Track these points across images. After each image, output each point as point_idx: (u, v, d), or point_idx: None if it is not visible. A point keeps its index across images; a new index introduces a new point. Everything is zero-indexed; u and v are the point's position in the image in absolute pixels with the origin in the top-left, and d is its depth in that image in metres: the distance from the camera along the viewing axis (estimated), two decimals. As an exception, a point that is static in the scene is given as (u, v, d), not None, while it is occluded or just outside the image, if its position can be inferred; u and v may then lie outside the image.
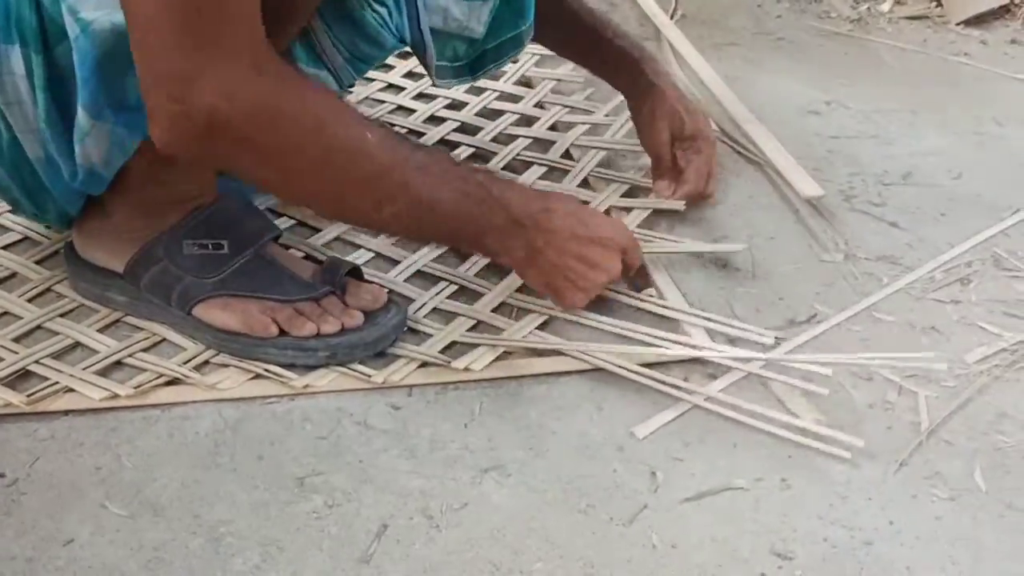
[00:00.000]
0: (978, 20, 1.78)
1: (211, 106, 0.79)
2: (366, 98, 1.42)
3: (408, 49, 1.02)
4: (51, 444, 0.87)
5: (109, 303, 1.00)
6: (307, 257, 1.04)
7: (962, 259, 1.15)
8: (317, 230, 1.15)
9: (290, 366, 0.94)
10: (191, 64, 0.78)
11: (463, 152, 1.31)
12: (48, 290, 1.04)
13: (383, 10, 0.95)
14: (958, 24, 1.77)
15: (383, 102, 1.42)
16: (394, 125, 1.34)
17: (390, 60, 1.37)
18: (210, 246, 0.96)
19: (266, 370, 0.94)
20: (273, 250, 0.98)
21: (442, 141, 1.33)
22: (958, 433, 0.92)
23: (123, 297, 0.99)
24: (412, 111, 1.40)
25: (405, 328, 0.99)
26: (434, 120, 1.38)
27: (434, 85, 1.09)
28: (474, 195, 0.92)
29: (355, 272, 1.00)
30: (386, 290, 1.00)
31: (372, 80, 1.45)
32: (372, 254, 1.11)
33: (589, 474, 0.86)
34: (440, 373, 0.95)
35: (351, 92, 1.38)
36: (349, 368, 0.94)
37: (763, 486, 0.86)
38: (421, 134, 1.34)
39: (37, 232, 1.12)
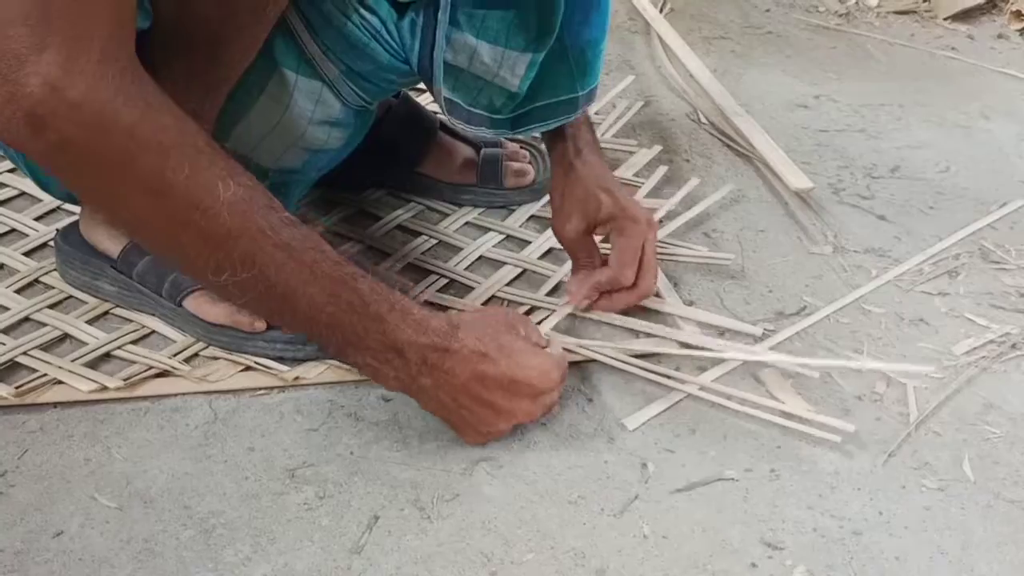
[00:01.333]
0: (965, 15, 1.79)
1: (36, 94, 0.68)
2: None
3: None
4: (40, 436, 0.86)
5: (98, 292, 1.00)
6: (372, 249, 1.00)
7: (950, 251, 1.16)
8: (377, 218, 1.15)
9: (279, 359, 0.94)
10: (29, 43, 0.68)
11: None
12: (36, 281, 1.03)
13: (374, 19, 0.89)
14: (945, 19, 1.78)
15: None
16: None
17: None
18: None
19: (256, 362, 0.94)
20: None
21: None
22: (947, 424, 0.92)
23: (113, 287, 0.99)
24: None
25: None
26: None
27: (448, 122, 0.97)
28: (344, 301, 0.79)
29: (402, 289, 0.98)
30: (429, 309, 0.97)
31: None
32: (361, 245, 1.11)
33: (580, 465, 0.86)
34: (359, 363, 0.92)
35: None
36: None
37: (753, 477, 0.86)
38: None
39: (25, 224, 1.11)
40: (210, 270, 0.76)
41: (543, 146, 1.28)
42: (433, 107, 1.36)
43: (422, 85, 0.96)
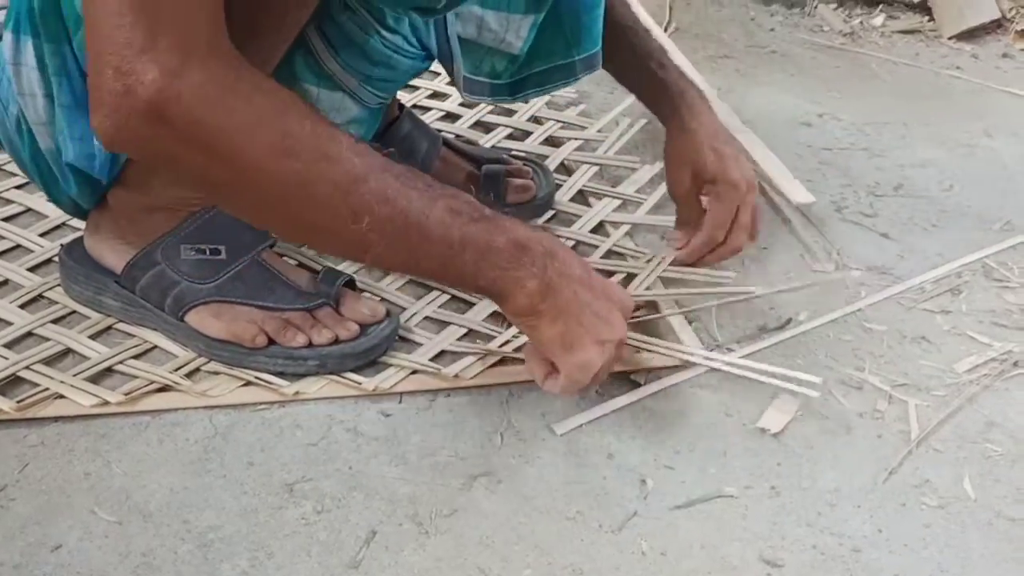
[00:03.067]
0: (970, 34, 1.79)
1: (159, 81, 0.70)
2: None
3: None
4: (41, 450, 0.87)
5: (102, 307, 1.00)
6: (301, 265, 1.03)
7: (952, 270, 1.16)
8: None
9: (279, 374, 0.94)
10: (141, 36, 0.70)
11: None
12: (40, 297, 1.04)
13: (395, 37, 0.92)
14: (950, 38, 1.78)
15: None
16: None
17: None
18: (207, 251, 0.95)
19: (257, 377, 0.94)
20: (270, 257, 0.98)
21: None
22: (948, 442, 0.92)
23: (116, 302, 0.99)
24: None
25: (396, 339, 0.98)
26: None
27: (464, 97, 1.01)
28: (467, 213, 0.79)
29: (350, 283, 1.00)
30: (383, 304, 0.99)
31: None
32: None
33: (578, 481, 0.86)
34: (431, 380, 0.95)
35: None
36: (340, 375, 0.94)
37: (752, 494, 0.86)
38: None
39: (29, 240, 1.12)
40: (350, 218, 0.76)
41: (546, 163, 1.30)
42: (437, 124, 1.38)
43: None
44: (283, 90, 0.76)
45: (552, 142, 1.38)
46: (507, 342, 0.99)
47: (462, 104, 1.45)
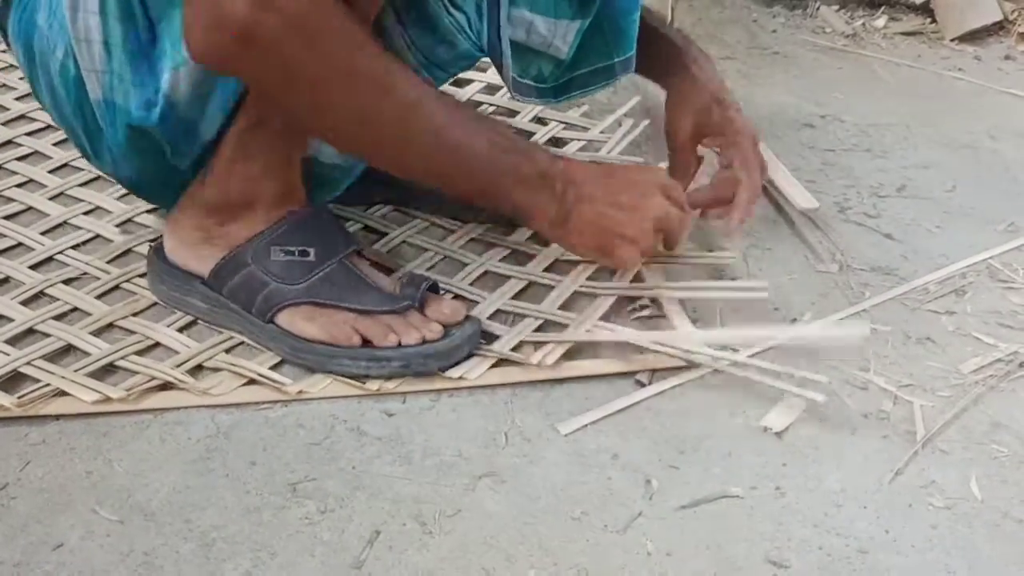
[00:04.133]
0: (972, 36, 1.79)
1: (247, 13, 0.79)
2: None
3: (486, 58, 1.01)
4: (42, 448, 0.86)
5: (188, 308, 1.00)
6: (375, 264, 1.02)
7: (957, 270, 1.15)
8: (383, 234, 1.15)
9: (364, 377, 0.93)
10: None
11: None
12: (41, 294, 1.03)
13: (461, 16, 0.96)
14: (952, 40, 1.78)
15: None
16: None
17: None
18: (296, 253, 0.96)
19: (260, 375, 0.94)
20: (356, 261, 0.98)
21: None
22: (954, 443, 0.92)
23: (203, 304, 0.99)
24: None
25: (479, 339, 0.98)
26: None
27: (512, 98, 1.04)
28: (502, 144, 0.92)
29: (433, 286, 1.00)
30: (464, 305, 0.99)
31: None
32: (441, 256, 1.13)
33: (583, 481, 0.86)
34: (434, 380, 0.95)
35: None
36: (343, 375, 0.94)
37: (758, 494, 0.85)
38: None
39: (30, 238, 1.12)
40: (403, 141, 0.89)
41: (534, 139, 1.30)
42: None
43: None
44: (359, 27, 0.85)
45: (555, 143, 1.37)
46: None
47: (453, 83, 1.45)
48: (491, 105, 1.32)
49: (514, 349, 0.98)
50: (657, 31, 1.15)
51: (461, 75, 1.39)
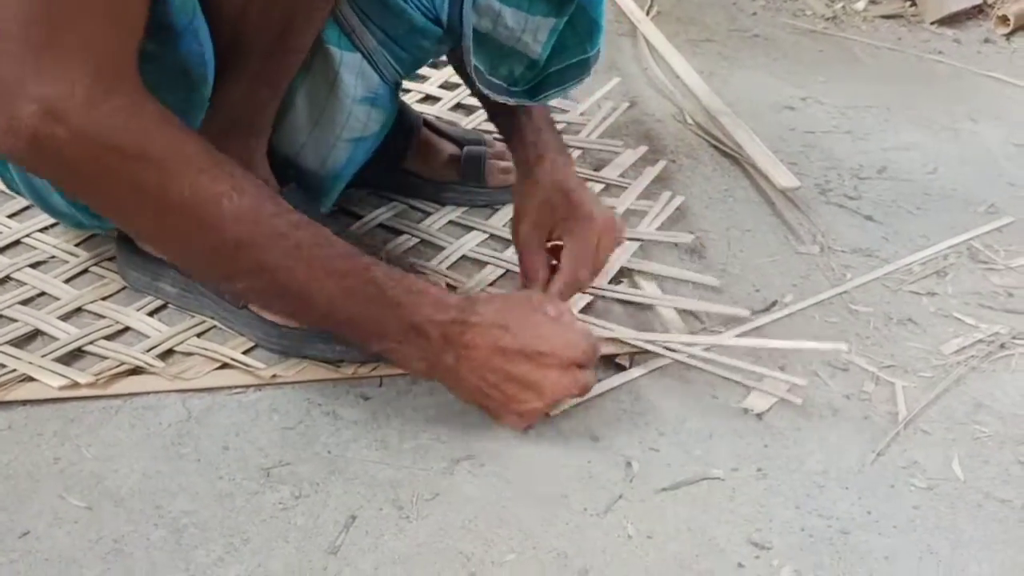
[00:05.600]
0: (952, 19, 1.79)
1: (32, 125, 0.69)
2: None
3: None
4: (8, 435, 0.84)
5: (159, 293, 0.98)
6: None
7: (938, 252, 1.15)
8: (359, 217, 1.13)
9: (338, 363, 0.91)
10: (25, 71, 0.68)
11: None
12: (7, 278, 1.01)
13: None
14: (932, 23, 1.78)
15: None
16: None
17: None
18: None
19: (233, 359, 0.92)
20: None
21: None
22: (936, 423, 0.91)
23: (174, 288, 0.97)
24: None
25: None
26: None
27: (480, 93, 0.97)
28: (361, 293, 0.79)
29: (410, 270, 0.97)
30: (446, 288, 0.97)
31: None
32: (418, 239, 1.11)
33: (563, 464, 0.84)
34: (385, 351, 0.91)
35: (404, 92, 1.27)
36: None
37: (739, 476, 0.84)
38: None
39: (-3, 221, 1.09)
40: (223, 278, 0.80)
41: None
42: (416, 106, 1.35)
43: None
44: (178, 140, 0.74)
45: (534, 124, 1.36)
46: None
47: (441, 86, 1.43)
48: (500, 135, 1.29)
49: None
50: (517, 115, 1.01)
51: (466, 101, 1.37)
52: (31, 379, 0.88)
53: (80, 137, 0.70)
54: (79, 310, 0.97)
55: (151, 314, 0.97)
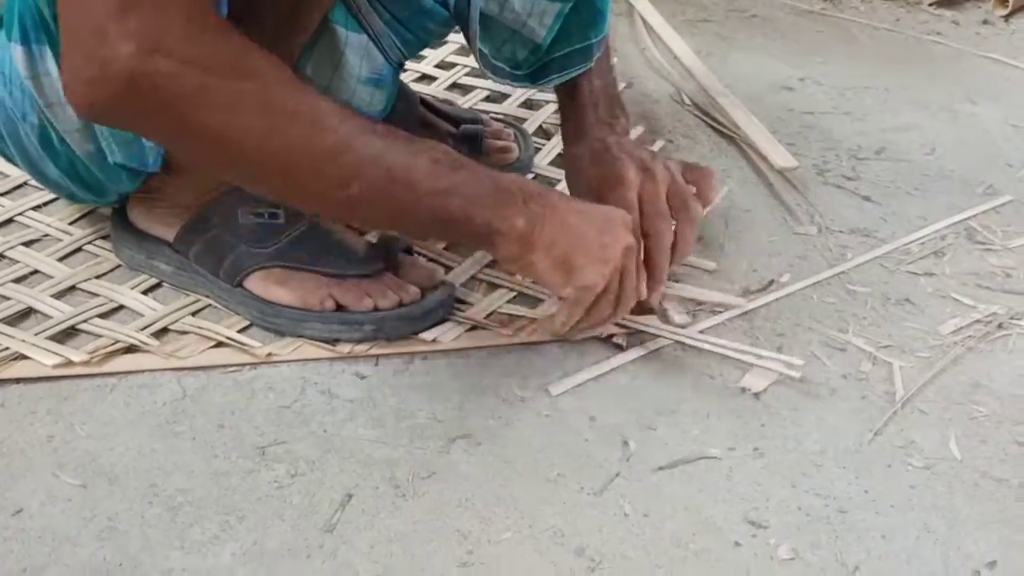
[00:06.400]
0: (950, 1, 1.78)
1: (131, 64, 0.68)
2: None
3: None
4: (1, 413, 0.84)
5: (153, 271, 0.97)
6: (346, 226, 0.98)
7: (936, 231, 1.14)
8: None
9: (335, 341, 0.91)
10: (111, 15, 0.68)
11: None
12: (1, 256, 1.00)
13: None
14: (930, 4, 1.77)
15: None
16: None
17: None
18: (266, 215, 0.92)
19: (229, 338, 0.91)
20: (326, 222, 0.94)
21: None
22: (933, 403, 0.91)
23: (169, 266, 0.96)
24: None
25: (453, 304, 0.95)
26: (403, 91, 1.35)
27: (484, 75, 0.99)
28: (447, 163, 0.80)
29: (407, 248, 0.97)
30: (440, 268, 0.97)
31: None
32: None
33: (559, 443, 0.84)
34: (407, 343, 0.93)
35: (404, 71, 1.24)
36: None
37: (736, 455, 0.84)
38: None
39: (-10, 199, 1.08)
40: (336, 187, 0.76)
41: (525, 126, 1.27)
42: (413, 85, 1.34)
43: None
44: (267, 60, 0.74)
45: (530, 105, 1.35)
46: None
47: (438, 66, 1.42)
48: (497, 114, 1.28)
49: (487, 317, 0.96)
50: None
51: (462, 81, 1.37)
52: (24, 357, 0.88)
53: (185, 64, 0.69)
54: (73, 288, 0.96)
55: (146, 292, 0.97)
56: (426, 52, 1.42)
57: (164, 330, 0.92)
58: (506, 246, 0.83)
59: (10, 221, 1.05)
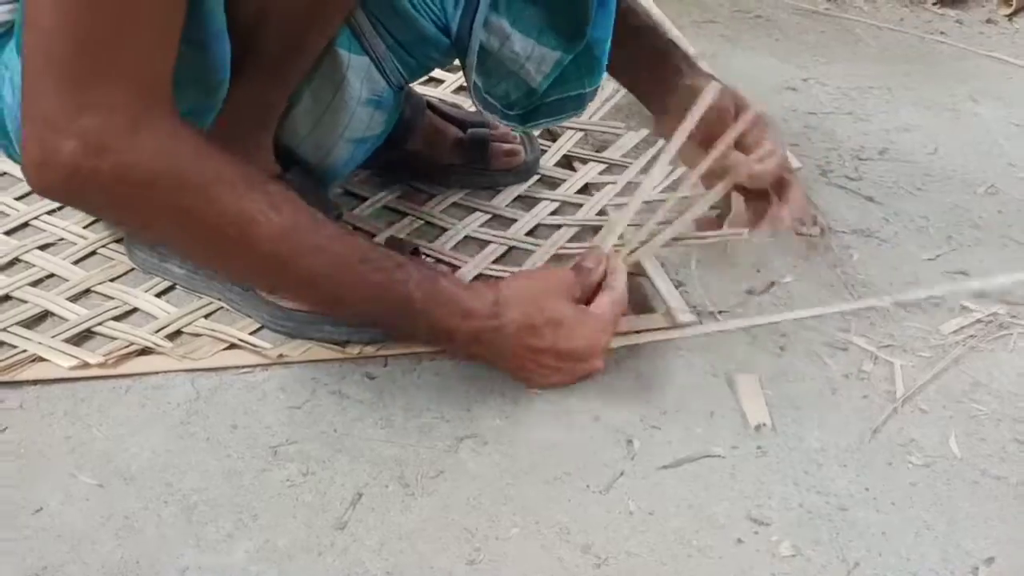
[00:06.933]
0: (954, 0, 1.78)
1: (72, 160, 0.70)
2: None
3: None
4: (20, 414, 0.85)
5: (167, 274, 0.99)
6: (356, 230, 1.00)
7: (941, 232, 1.16)
8: (363, 199, 1.14)
9: (344, 343, 0.93)
10: (61, 110, 0.70)
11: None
12: (16, 260, 1.02)
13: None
14: (934, 4, 1.77)
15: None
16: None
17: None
18: None
19: (241, 340, 0.93)
20: None
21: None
22: (933, 401, 0.92)
23: (181, 269, 0.98)
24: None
25: None
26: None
27: (473, 104, 0.99)
28: (392, 303, 0.83)
29: (415, 251, 0.98)
30: (447, 269, 0.98)
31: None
32: (422, 221, 1.12)
33: (565, 442, 0.86)
34: (416, 344, 0.94)
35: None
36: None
37: (739, 453, 0.86)
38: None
39: (6, 204, 1.10)
40: (268, 291, 0.88)
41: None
42: (420, 88, 1.36)
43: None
44: (215, 165, 0.76)
45: (536, 106, 1.36)
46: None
47: (445, 69, 1.43)
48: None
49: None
50: (663, 39, 1.08)
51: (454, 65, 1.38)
52: (41, 360, 0.89)
53: (122, 168, 0.72)
54: (88, 291, 0.98)
55: (159, 295, 0.98)
56: (430, 72, 1.43)
57: (177, 332, 0.94)
58: (454, 342, 0.88)
59: (26, 225, 1.07)
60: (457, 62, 0.98)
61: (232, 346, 0.93)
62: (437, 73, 1.42)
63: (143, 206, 0.75)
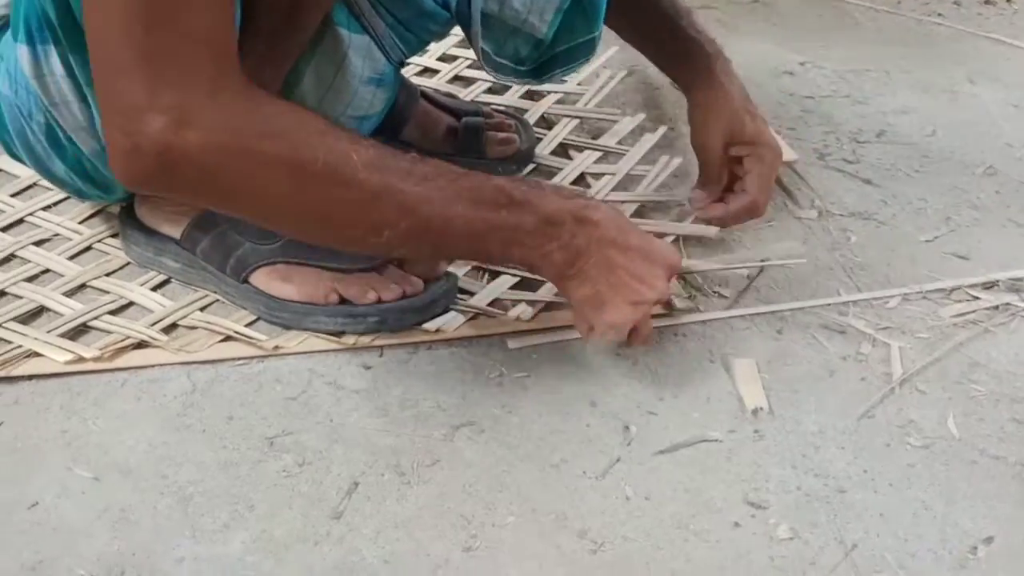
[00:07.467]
0: (952, -19, 1.77)
1: (162, 139, 0.71)
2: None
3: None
4: (15, 409, 0.86)
5: (162, 268, 0.99)
6: None
7: (941, 214, 1.15)
8: None
9: (339, 333, 0.93)
10: (141, 92, 0.71)
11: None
12: (12, 256, 1.02)
13: None
14: (932, -15, 1.76)
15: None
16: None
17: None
18: None
19: (236, 332, 0.93)
20: None
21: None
22: (932, 383, 0.92)
23: (176, 263, 0.98)
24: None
25: (455, 294, 0.97)
26: (405, 85, 1.36)
27: (488, 73, 0.99)
28: (491, 201, 0.82)
29: None
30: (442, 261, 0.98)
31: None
32: None
33: (562, 429, 0.86)
34: (411, 333, 0.94)
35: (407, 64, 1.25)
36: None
37: (736, 437, 0.85)
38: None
39: (0, 200, 1.10)
40: (371, 234, 0.80)
41: (526, 116, 1.28)
42: (414, 79, 1.36)
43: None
44: (295, 116, 0.77)
45: (532, 95, 1.36)
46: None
47: (439, 59, 1.43)
48: (498, 106, 1.30)
49: (490, 305, 0.97)
50: (685, 31, 1.08)
51: (463, 73, 1.38)
52: (37, 354, 0.89)
53: (211, 134, 0.72)
54: (83, 286, 0.98)
55: (154, 289, 0.98)
56: (428, 46, 1.43)
57: (173, 325, 0.94)
58: (545, 275, 0.87)
59: (21, 221, 1.07)
60: (456, 52, 0.98)
61: (228, 338, 0.93)
62: (432, 63, 1.42)
63: (236, 168, 0.75)
